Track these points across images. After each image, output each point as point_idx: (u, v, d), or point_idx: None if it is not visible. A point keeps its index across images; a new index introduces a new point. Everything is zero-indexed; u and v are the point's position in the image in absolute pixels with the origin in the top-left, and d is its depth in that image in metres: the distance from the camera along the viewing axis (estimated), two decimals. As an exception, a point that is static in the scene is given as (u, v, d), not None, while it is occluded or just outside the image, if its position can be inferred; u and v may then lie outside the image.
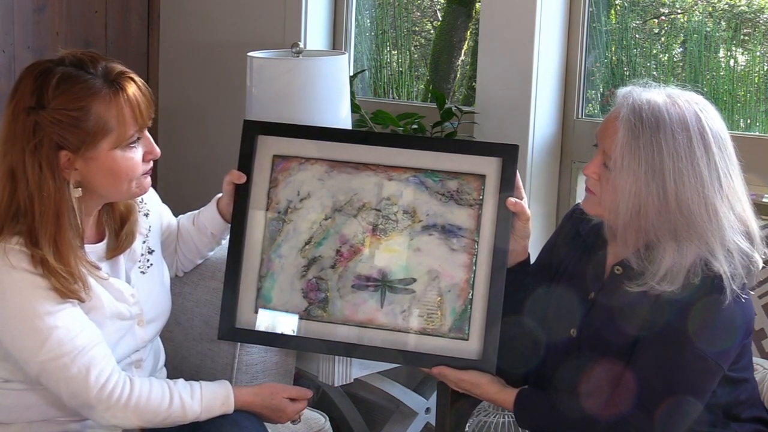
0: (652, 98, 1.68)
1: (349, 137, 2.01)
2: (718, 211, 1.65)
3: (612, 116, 1.72)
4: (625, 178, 1.67)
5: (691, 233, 1.65)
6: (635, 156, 1.65)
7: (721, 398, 1.72)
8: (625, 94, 1.71)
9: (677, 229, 1.66)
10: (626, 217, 1.68)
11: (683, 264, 1.66)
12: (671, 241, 1.66)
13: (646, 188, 1.65)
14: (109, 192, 1.77)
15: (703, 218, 1.65)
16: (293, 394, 1.92)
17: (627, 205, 1.67)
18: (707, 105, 1.70)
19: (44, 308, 1.67)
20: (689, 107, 1.67)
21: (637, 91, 1.71)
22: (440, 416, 2.01)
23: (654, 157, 1.64)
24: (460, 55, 3.13)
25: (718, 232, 1.66)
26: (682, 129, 1.65)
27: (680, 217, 1.65)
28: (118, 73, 1.73)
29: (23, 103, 1.69)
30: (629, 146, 1.66)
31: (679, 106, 1.67)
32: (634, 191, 1.66)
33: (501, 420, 2.16)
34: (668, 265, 1.66)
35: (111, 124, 1.70)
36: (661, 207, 1.65)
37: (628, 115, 1.67)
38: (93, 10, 3.50)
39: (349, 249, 1.92)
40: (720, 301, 1.65)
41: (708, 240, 1.65)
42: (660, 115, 1.65)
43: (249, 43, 2.96)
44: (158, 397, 1.75)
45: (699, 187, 1.64)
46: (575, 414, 1.72)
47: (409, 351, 1.87)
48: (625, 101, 1.69)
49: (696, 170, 1.64)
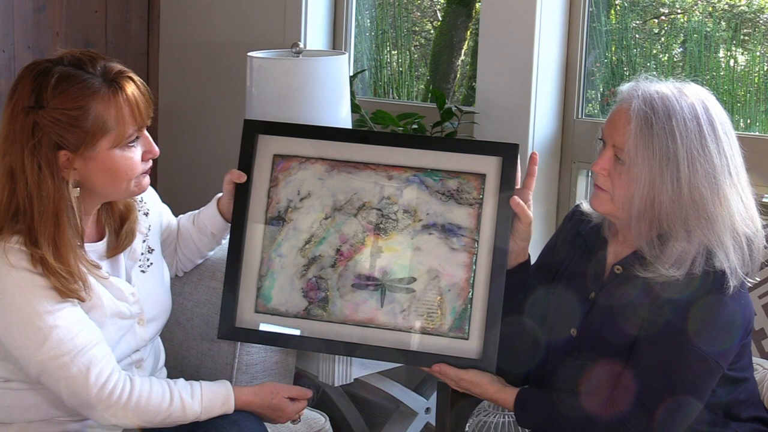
0: (660, 89, 1.70)
1: (350, 137, 2.01)
2: (728, 198, 1.68)
3: (621, 109, 1.72)
4: (640, 168, 1.68)
5: (701, 221, 1.67)
6: (649, 146, 1.66)
7: (720, 398, 1.72)
8: (632, 87, 1.73)
9: (688, 218, 1.67)
10: (641, 207, 1.69)
11: (690, 251, 1.67)
12: (682, 230, 1.68)
13: (660, 177, 1.67)
14: (107, 191, 1.77)
15: (714, 204, 1.67)
16: (293, 394, 1.92)
17: (642, 195, 1.68)
18: (711, 96, 1.72)
19: (44, 307, 1.67)
20: (697, 97, 1.69)
21: (643, 83, 1.72)
22: (440, 416, 2.00)
23: (668, 145, 1.66)
24: (460, 55, 3.13)
25: (728, 218, 1.68)
26: (693, 117, 1.67)
27: (692, 205, 1.67)
28: (117, 73, 1.73)
29: (22, 102, 1.69)
30: (643, 136, 1.67)
31: (687, 95, 1.69)
32: (649, 180, 1.67)
33: (501, 420, 2.17)
34: (678, 252, 1.68)
35: (110, 124, 1.70)
36: (674, 195, 1.67)
37: (640, 106, 1.68)
38: (93, 10, 3.50)
39: (349, 248, 1.92)
40: (719, 300, 1.66)
41: (717, 227, 1.67)
42: (670, 104, 1.67)
43: (249, 43, 2.96)
44: (158, 397, 1.75)
45: (711, 173, 1.66)
46: (575, 413, 1.72)
47: (409, 350, 1.87)
48: (634, 93, 1.70)
49: (708, 157, 1.66)
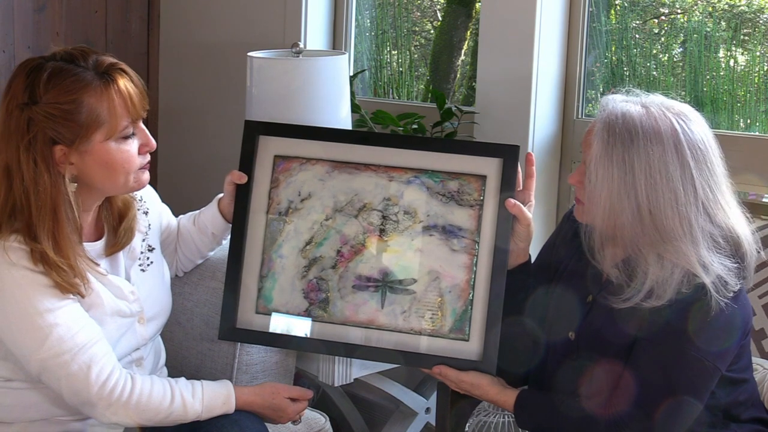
0: (627, 110, 1.65)
1: (350, 138, 2.01)
2: (693, 225, 1.63)
3: (590, 128, 1.71)
4: (599, 191, 1.66)
5: (668, 247, 1.64)
6: (608, 171, 1.64)
7: (720, 399, 1.72)
8: (604, 104, 1.69)
9: (655, 243, 1.64)
10: (601, 228, 1.68)
11: (669, 280, 1.64)
12: (653, 255, 1.65)
13: (619, 203, 1.64)
14: (105, 186, 1.77)
15: (677, 232, 1.63)
16: (294, 394, 1.92)
17: (602, 216, 1.67)
18: (689, 114, 1.67)
19: (44, 305, 1.67)
20: (665, 119, 1.64)
21: (614, 101, 1.68)
22: (440, 416, 2.01)
23: (626, 173, 1.63)
24: (460, 55, 3.13)
25: (693, 246, 1.63)
26: (657, 142, 1.62)
27: (655, 232, 1.64)
28: (109, 65, 1.73)
29: (16, 99, 1.69)
30: (602, 161, 1.65)
31: (655, 118, 1.64)
32: (609, 205, 1.65)
33: (501, 420, 2.16)
34: (653, 280, 1.65)
35: (103, 116, 1.70)
36: (635, 221, 1.64)
37: (601, 130, 1.66)
38: (93, 10, 3.50)
39: (350, 249, 1.92)
40: (718, 301, 1.64)
41: (686, 254, 1.63)
42: (633, 128, 1.63)
43: (249, 43, 2.96)
44: (159, 396, 1.75)
45: (673, 203, 1.62)
46: (575, 414, 1.72)
47: (410, 351, 1.87)
48: (602, 113, 1.67)
49: (670, 185, 1.62)
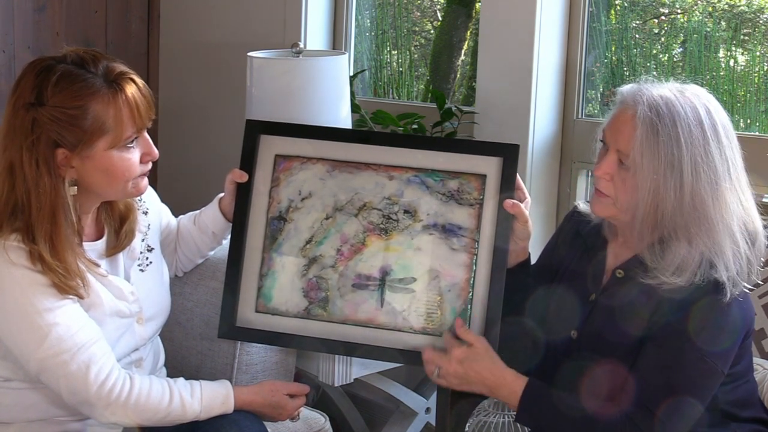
0: (664, 94, 1.69)
1: (351, 137, 2.02)
2: (728, 202, 1.67)
3: (626, 115, 1.71)
4: (645, 175, 1.67)
5: (701, 228, 1.67)
6: (655, 153, 1.66)
7: (720, 398, 1.72)
8: (636, 91, 1.71)
9: (689, 224, 1.67)
10: (644, 214, 1.69)
11: (692, 259, 1.67)
12: (683, 237, 1.68)
13: (664, 184, 1.66)
14: (104, 191, 1.77)
15: (715, 210, 1.66)
16: (292, 390, 1.92)
17: (646, 202, 1.68)
18: (711, 97, 1.72)
19: (43, 305, 1.67)
20: (699, 100, 1.69)
21: (646, 87, 1.71)
22: (440, 416, 2.00)
23: (673, 152, 1.65)
24: (460, 55, 3.13)
25: (728, 224, 1.67)
26: (697, 123, 1.66)
27: (693, 211, 1.66)
28: (119, 74, 1.73)
29: (23, 98, 1.69)
30: (649, 143, 1.66)
31: (690, 99, 1.68)
32: (654, 187, 1.67)
33: (501, 420, 2.17)
34: (680, 259, 1.68)
35: (108, 124, 1.70)
36: (677, 202, 1.66)
37: (646, 112, 1.67)
38: (93, 10, 3.50)
39: (350, 248, 1.92)
40: (720, 301, 1.65)
41: (717, 234, 1.67)
42: (675, 109, 1.66)
43: (249, 43, 2.96)
44: (158, 395, 1.75)
45: (713, 178, 1.66)
46: (575, 413, 1.71)
47: (410, 350, 1.87)
48: (639, 99, 1.69)
49: (710, 162, 1.66)
